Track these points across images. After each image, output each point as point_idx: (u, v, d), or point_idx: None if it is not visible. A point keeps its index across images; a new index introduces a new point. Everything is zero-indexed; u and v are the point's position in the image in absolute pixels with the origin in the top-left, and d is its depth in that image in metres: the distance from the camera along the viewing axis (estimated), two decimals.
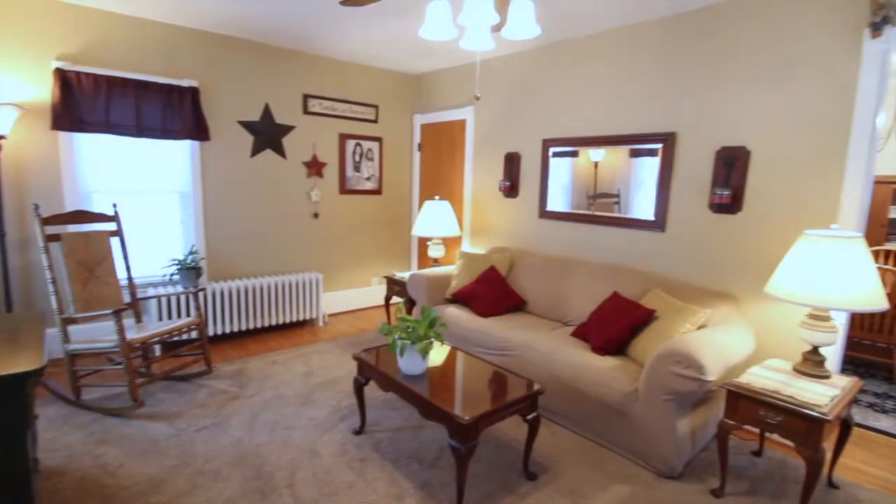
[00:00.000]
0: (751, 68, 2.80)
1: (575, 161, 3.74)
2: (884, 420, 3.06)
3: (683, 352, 2.29)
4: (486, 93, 4.42)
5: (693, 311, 2.67)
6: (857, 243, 2.11)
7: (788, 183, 2.70)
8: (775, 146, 2.74)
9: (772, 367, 2.39)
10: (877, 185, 4.76)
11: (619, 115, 3.44)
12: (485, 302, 3.54)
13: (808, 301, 2.14)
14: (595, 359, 2.75)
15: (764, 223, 2.80)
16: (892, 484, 2.43)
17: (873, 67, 2.39)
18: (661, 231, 3.25)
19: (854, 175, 2.47)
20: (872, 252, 4.28)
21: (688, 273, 3.14)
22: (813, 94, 2.59)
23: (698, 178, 3.06)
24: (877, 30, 2.35)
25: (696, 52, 3.02)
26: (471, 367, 2.57)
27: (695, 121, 3.05)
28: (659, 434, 2.39)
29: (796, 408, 2.02)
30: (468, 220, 4.70)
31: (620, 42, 3.40)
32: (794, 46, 2.63)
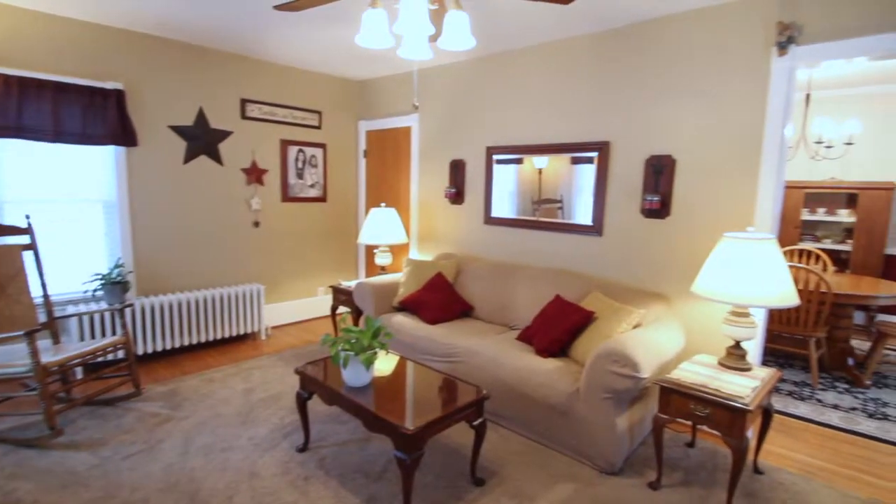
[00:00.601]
0: (675, 82, 2.98)
1: (520, 168, 3.83)
2: (802, 407, 3.32)
3: (620, 351, 2.39)
4: (429, 100, 4.44)
5: (629, 311, 2.78)
6: (770, 244, 2.29)
7: (710, 189, 2.89)
8: (698, 155, 2.93)
9: (700, 361, 2.54)
10: (790, 190, 5.20)
11: (558, 125, 3.56)
12: (432, 309, 3.54)
13: (728, 299, 2.29)
14: (539, 361, 2.81)
15: (690, 227, 2.97)
16: (812, 467, 2.64)
17: (780, 83, 2.60)
18: (598, 236, 3.39)
19: (767, 181, 2.68)
20: (787, 251, 4.68)
21: (624, 275, 3.28)
22: (730, 107, 2.79)
23: (631, 185, 3.21)
24: (783, 48, 2.57)
25: (625, 66, 3.18)
26: (417, 375, 2.56)
27: (626, 131, 3.21)
28: (599, 432, 2.47)
29: (721, 400, 2.15)
30: (415, 227, 4.69)
31: (556, 55, 3.52)
32: (713, 63, 2.83)
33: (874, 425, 3.06)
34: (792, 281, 2.30)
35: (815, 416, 3.18)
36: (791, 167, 5.18)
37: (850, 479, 2.53)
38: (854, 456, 2.75)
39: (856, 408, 3.29)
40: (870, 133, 4.88)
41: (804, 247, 4.74)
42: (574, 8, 2.92)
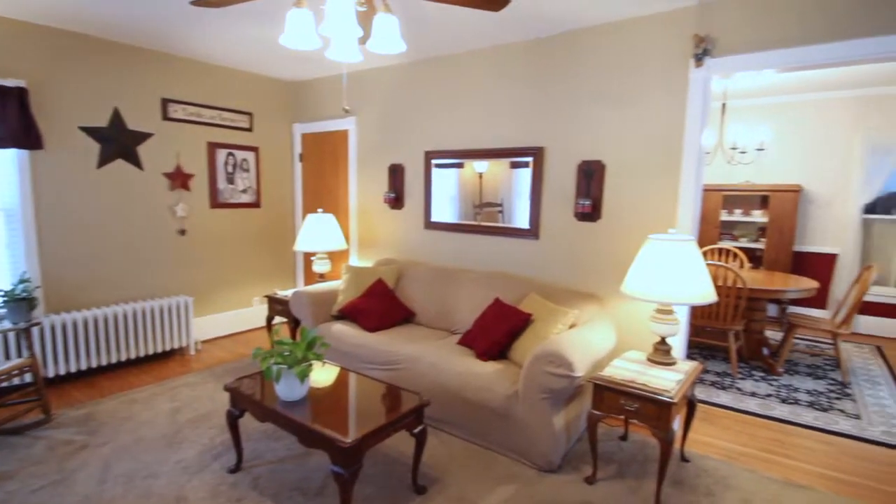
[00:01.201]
0: (603, 90, 3.10)
1: (460, 172, 3.84)
2: (724, 396, 3.55)
3: (555, 352, 2.45)
4: (367, 104, 4.37)
5: (564, 312, 2.86)
6: (689, 245, 2.42)
7: (637, 192, 3.03)
8: (625, 160, 3.06)
9: (630, 358, 2.65)
10: (710, 193, 5.57)
11: (495, 130, 3.61)
12: (372, 316, 3.47)
13: (653, 298, 2.41)
14: (479, 365, 2.83)
15: (619, 229, 3.10)
16: (733, 452, 2.82)
17: (697, 92, 2.78)
18: (535, 239, 3.46)
19: (687, 184, 2.84)
20: (708, 250, 5.00)
21: (560, 277, 3.37)
22: (653, 115, 2.94)
23: (564, 189, 3.31)
24: (699, 60, 2.74)
25: (557, 74, 3.28)
26: (356, 386, 2.49)
27: (559, 136, 3.31)
28: (538, 431, 2.52)
29: (649, 394, 2.25)
30: (355, 233, 4.60)
31: (492, 61, 3.57)
32: (638, 73, 2.97)
33: (787, 410, 3.33)
34: (710, 279, 2.45)
35: (735, 403, 3.41)
36: (711, 171, 5.56)
37: (766, 461, 2.73)
38: (770, 439, 2.97)
39: (770, 394, 3.57)
40: (779, 139, 5.34)
41: (723, 245, 5.09)
42: (505, 16, 2.97)
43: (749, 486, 2.46)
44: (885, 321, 5.05)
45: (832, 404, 3.41)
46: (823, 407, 3.37)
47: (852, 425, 3.12)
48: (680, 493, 2.42)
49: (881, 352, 4.57)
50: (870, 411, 3.32)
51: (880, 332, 5.07)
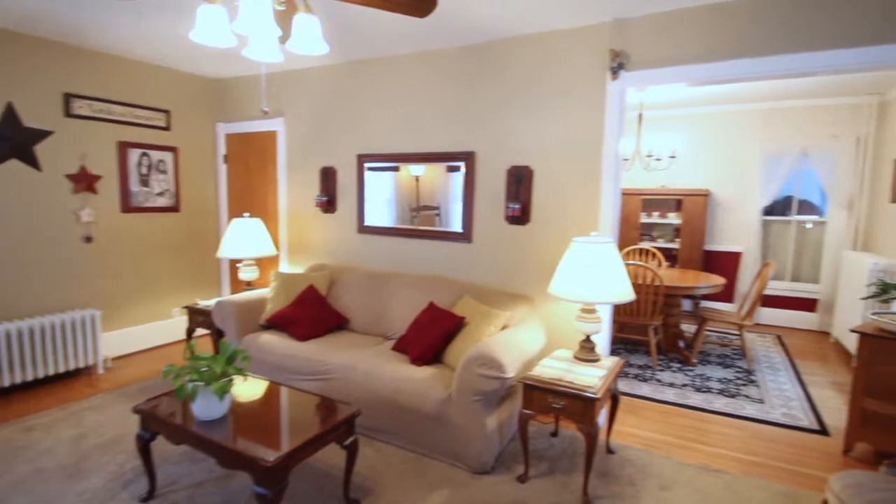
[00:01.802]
0: (530, 98, 3.20)
1: (397, 175, 3.81)
2: (645, 387, 3.76)
3: (487, 354, 2.48)
4: (296, 105, 4.23)
5: (496, 314, 2.91)
6: (609, 247, 2.55)
7: (563, 197, 3.15)
8: (551, 166, 3.17)
9: (559, 357, 2.74)
10: (630, 197, 5.91)
11: (428, 134, 3.61)
12: (303, 324, 3.35)
13: (577, 298, 2.50)
14: (413, 370, 2.80)
15: (547, 232, 3.21)
16: (654, 441, 2.99)
17: (614, 103, 2.93)
18: (468, 242, 3.50)
19: (606, 189, 2.99)
20: (630, 250, 5.30)
21: (493, 279, 3.43)
22: (575, 124, 3.07)
23: (495, 193, 3.38)
24: (615, 73, 2.90)
25: (488, 80, 3.34)
26: (282, 399, 2.39)
27: (490, 142, 3.37)
28: (471, 434, 2.53)
29: (574, 392, 2.33)
30: (285, 238, 4.42)
31: (425, 65, 3.58)
32: (562, 83, 3.09)
33: (701, 398, 3.59)
34: (629, 279, 2.59)
35: (655, 394, 3.63)
36: (630, 177, 5.91)
37: (683, 448, 2.92)
38: (686, 427, 3.18)
39: (686, 384, 3.83)
40: (690, 148, 5.77)
41: (643, 246, 5.42)
42: (433, 23, 2.99)
43: (668, 473, 2.62)
44: (784, 312, 5.60)
45: (739, 391, 3.72)
46: (732, 393, 3.66)
47: (757, 409, 3.42)
48: (606, 484, 2.52)
49: (781, 340, 5.06)
50: (772, 395, 3.65)
51: (780, 322, 5.61)
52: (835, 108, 5.17)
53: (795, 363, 4.37)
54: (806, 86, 4.70)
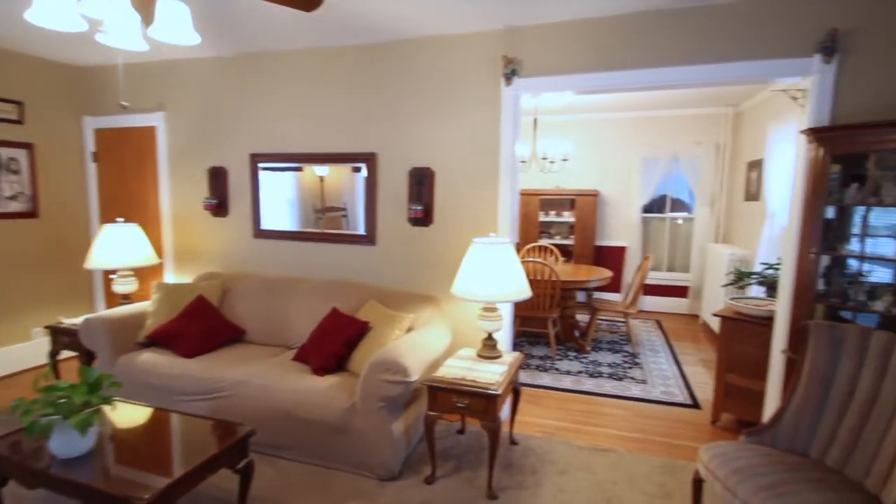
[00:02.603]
0: (430, 100, 3.22)
1: (299, 175, 3.62)
2: (545, 377, 3.97)
3: (390, 359, 2.45)
4: (180, 99, 3.86)
5: (401, 318, 2.89)
6: (507, 247, 2.64)
7: (464, 198, 3.21)
8: (452, 167, 3.22)
9: (462, 356, 2.79)
10: (529, 197, 6.21)
11: (327, 134, 3.49)
12: (191, 339, 3.07)
13: (478, 298, 2.57)
14: (315, 380, 2.69)
15: (450, 233, 3.26)
16: (553, 428, 3.16)
17: (509, 108, 3.04)
18: (372, 244, 3.44)
19: (504, 191, 3.10)
20: (530, 248, 5.57)
21: (398, 281, 3.40)
22: (474, 126, 3.14)
23: (398, 195, 3.35)
24: (508, 79, 3.01)
25: (388, 81, 3.30)
26: (164, 426, 2.16)
27: (391, 143, 3.34)
28: (377, 441, 2.49)
29: (476, 390, 2.39)
30: (170, 245, 4.02)
31: (323, 62, 3.44)
32: (461, 85, 3.15)
33: (593, 383, 3.87)
34: (525, 277, 2.71)
35: (554, 383, 3.85)
36: (529, 178, 6.20)
37: (579, 432, 3.12)
38: (581, 412, 3.41)
39: (581, 371, 4.11)
40: (581, 151, 6.20)
41: (542, 243, 5.73)
42: (324, 19, 2.88)
43: (565, 458, 2.78)
44: (662, 299, 6.24)
45: (626, 373, 4.07)
46: (620, 377, 4.00)
47: (641, 389, 3.76)
48: (510, 475, 2.62)
49: (660, 325, 5.63)
50: (653, 376, 4.04)
51: (659, 308, 6.25)
52: (698, 118, 5.86)
53: (672, 345, 4.89)
54: (674, 98, 5.26)
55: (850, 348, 2.08)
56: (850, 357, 2.08)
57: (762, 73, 2.67)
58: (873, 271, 2.46)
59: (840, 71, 2.54)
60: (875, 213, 2.39)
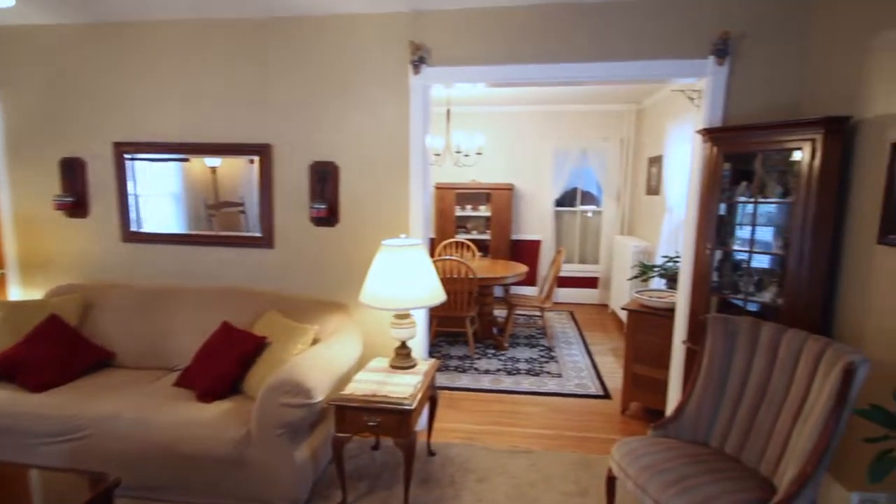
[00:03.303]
0: (334, 87, 2.92)
1: (186, 167, 3.14)
2: (464, 378, 3.87)
3: (290, 380, 2.17)
4: (20, 74, 3.18)
5: (304, 329, 2.60)
6: (418, 250, 2.45)
7: (372, 195, 2.97)
8: (359, 162, 2.96)
9: (374, 367, 2.57)
10: (445, 191, 6.08)
11: (212, 121, 3.05)
12: (41, 368, 2.53)
13: (389, 306, 2.36)
14: (201, 409, 2.33)
15: (358, 233, 3.00)
16: (473, 432, 3.05)
17: (418, 98, 2.84)
18: (270, 247, 3.09)
19: (415, 187, 2.90)
20: (447, 244, 5.44)
21: (302, 288, 3.09)
22: (382, 117, 2.90)
23: (298, 192, 3.03)
24: (416, 67, 2.80)
25: (284, 63, 2.94)
26: None
27: (289, 133, 2.99)
28: (279, 471, 2.20)
29: (389, 406, 2.19)
30: (12, 254, 3.33)
31: (208, 37, 2.99)
32: (366, 73, 2.88)
33: (511, 381, 3.83)
34: (439, 280, 2.54)
35: (473, 384, 3.76)
36: (444, 172, 6.05)
37: (497, 434, 3.04)
38: (500, 412, 3.34)
39: (500, 369, 4.06)
40: (495, 144, 6.18)
41: (459, 239, 5.64)
42: None
43: (484, 464, 2.68)
44: (574, 290, 6.44)
45: (542, 368, 4.09)
46: (537, 372, 4.00)
47: (556, 384, 3.78)
48: (428, 489, 2.46)
49: (573, 316, 5.79)
50: (568, 369, 4.09)
51: (572, 299, 6.44)
52: (605, 114, 6.07)
53: (584, 336, 5.03)
54: (583, 93, 5.38)
55: (743, 340, 2.17)
56: (743, 349, 2.16)
57: (661, 72, 2.72)
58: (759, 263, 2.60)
59: (732, 73, 2.65)
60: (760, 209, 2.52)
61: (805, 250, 2.24)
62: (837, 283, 2.28)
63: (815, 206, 2.20)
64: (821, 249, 2.22)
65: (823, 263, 2.23)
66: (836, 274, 2.28)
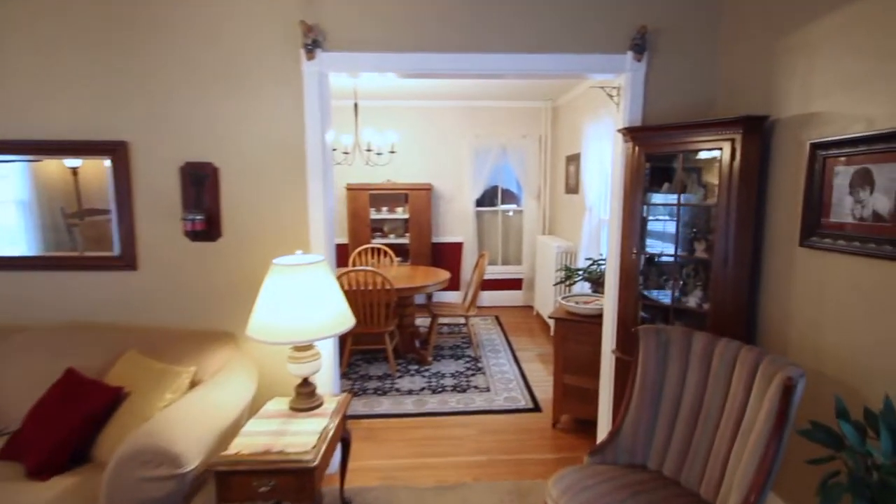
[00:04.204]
0: (210, 74, 2.41)
1: (37, 168, 2.47)
2: (385, 402, 3.49)
3: (150, 445, 1.67)
4: None
5: (175, 373, 2.09)
6: (318, 268, 2.05)
7: (263, 202, 2.50)
8: (245, 163, 2.48)
9: (270, 412, 2.12)
10: (357, 192, 5.64)
11: (45, 112, 2.40)
12: None
13: (283, 339, 1.94)
14: (33, 489, 1.76)
15: (247, 249, 2.52)
16: (393, 469, 2.68)
17: (314, 87, 2.42)
18: (132, 269, 2.50)
19: (315, 190, 2.48)
20: (360, 251, 5.02)
21: (176, 317, 2.53)
22: (272, 111, 2.45)
23: (167, 199, 2.48)
24: (310, 52, 2.38)
25: (147, 40, 2.38)
26: None
27: (151, 129, 2.43)
28: None
29: (285, 465, 1.77)
30: None
31: (33, 5, 2.34)
32: (250, 57, 2.41)
33: (437, 400, 3.51)
34: (345, 302, 2.15)
35: (394, 408, 3.40)
36: (357, 171, 5.63)
37: (422, 468, 2.71)
38: (426, 440, 3.01)
39: (424, 387, 3.74)
40: (410, 141, 5.83)
41: (375, 244, 5.24)
42: None
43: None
44: (499, 293, 6.29)
45: (469, 382, 3.82)
46: (463, 388, 3.73)
47: (484, 399, 3.53)
48: None
49: (499, 320, 5.62)
50: (496, 381, 3.86)
51: (497, 302, 6.28)
52: (523, 111, 5.95)
53: (511, 341, 4.85)
54: (499, 89, 5.20)
55: (676, 351, 2.03)
56: (676, 361, 2.02)
57: (578, 67, 2.54)
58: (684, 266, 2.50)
59: (650, 69, 2.53)
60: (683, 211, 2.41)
61: (728, 253, 2.14)
62: (759, 288, 2.21)
63: (735, 207, 2.11)
64: (743, 252, 2.14)
65: (747, 267, 2.15)
66: (759, 279, 2.21)
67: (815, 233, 1.80)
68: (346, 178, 5.73)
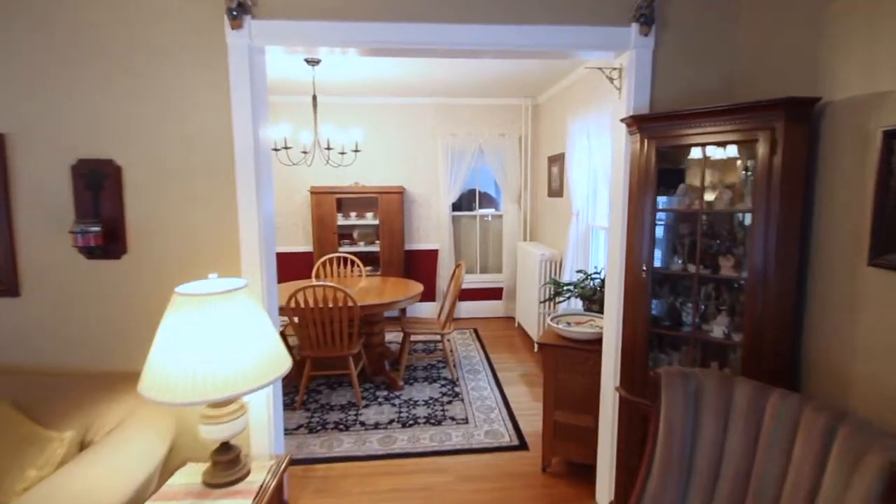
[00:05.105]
0: (110, 52, 1.89)
1: None
2: (346, 441, 2.99)
3: None
4: None
5: (46, 439, 1.56)
6: (238, 297, 1.54)
7: (181, 210, 1.98)
8: (156, 162, 1.96)
9: (177, 489, 1.61)
10: (323, 196, 5.11)
11: None
12: None
13: (185, 399, 1.42)
14: None
15: (159, 268, 1.99)
16: None
17: (242, 65, 1.91)
18: (12, 296, 1.95)
19: (246, 196, 1.97)
20: (325, 260, 4.49)
21: (66, 354, 1.99)
22: (189, 98, 1.93)
23: (56, 206, 1.93)
24: (235, 18, 1.87)
25: (29, 17, 1.84)
26: None
27: (32, 117, 1.89)
28: None
29: None
30: None
31: None
32: (161, 31, 1.90)
33: (407, 437, 3.03)
34: (278, 340, 1.65)
35: (357, 448, 2.90)
36: (320, 173, 5.11)
37: None
38: (392, 491, 2.53)
39: (393, 419, 3.24)
40: (377, 141, 5.33)
41: (342, 253, 4.72)
42: None
43: None
44: (477, 303, 5.82)
45: (445, 412, 3.35)
46: (438, 419, 3.25)
47: (462, 434, 3.06)
48: None
49: (477, 334, 5.15)
50: (475, 409, 3.39)
51: (475, 313, 5.81)
52: (501, 108, 5.51)
53: (491, 358, 4.39)
54: (474, 85, 4.75)
55: (711, 405, 1.58)
56: (711, 417, 1.58)
57: (573, 41, 2.08)
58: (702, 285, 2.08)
59: (659, 45, 2.10)
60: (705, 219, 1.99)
61: (769, 272, 1.71)
62: (806, 315, 1.79)
63: (778, 214, 1.69)
64: (788, 271, 1.72)
65: (792, 290, 1.73)
66: (805, 303, 1.79)
67: (894, 249, 1.39)
68: (309, 181, 5.19)
